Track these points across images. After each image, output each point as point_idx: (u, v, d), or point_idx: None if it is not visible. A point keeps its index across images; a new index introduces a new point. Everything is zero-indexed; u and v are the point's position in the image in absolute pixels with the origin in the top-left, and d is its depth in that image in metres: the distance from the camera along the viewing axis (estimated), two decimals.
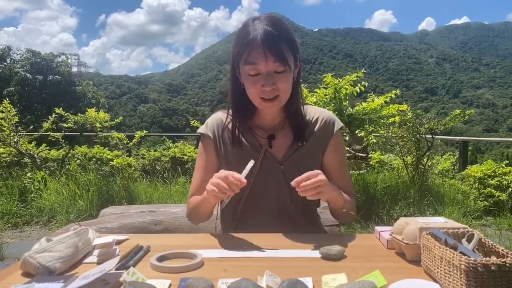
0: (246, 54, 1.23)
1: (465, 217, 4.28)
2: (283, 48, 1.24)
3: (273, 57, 1.21)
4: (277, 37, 1.23)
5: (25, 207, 4.61)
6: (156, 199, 4.75)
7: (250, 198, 1.39)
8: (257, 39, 1.21)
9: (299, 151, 1.39)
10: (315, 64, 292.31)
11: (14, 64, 31.99)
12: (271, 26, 1.23)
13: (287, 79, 1.27)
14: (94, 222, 2.90)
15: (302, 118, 1.42)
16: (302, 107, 1.43)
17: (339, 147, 1.46)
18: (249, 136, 1.41)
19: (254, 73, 1.25)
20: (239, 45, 1.26)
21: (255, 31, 1.22)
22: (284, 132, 1.41)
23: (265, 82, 1.23)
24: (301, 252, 1.12)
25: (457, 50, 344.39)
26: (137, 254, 1.13)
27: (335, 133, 1.43)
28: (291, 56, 1.27)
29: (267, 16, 1.29)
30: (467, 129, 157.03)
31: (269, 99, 1.27)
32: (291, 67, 1.27)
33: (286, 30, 1.28)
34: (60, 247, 1.05)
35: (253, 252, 1.12)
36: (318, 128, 1.42)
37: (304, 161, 1.39)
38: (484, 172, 5.39)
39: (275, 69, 1.24)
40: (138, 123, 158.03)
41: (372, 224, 4.06)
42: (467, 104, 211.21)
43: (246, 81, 1.28)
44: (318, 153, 1.43)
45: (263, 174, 1.37)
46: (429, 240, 1.00)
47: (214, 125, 1.45)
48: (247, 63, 1.24)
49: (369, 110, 4.47)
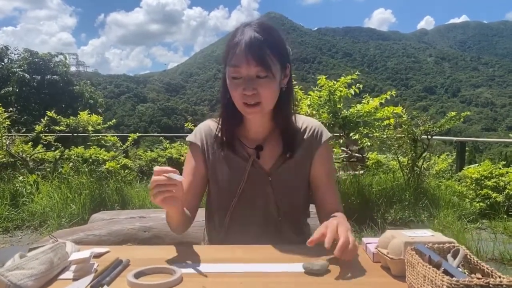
0: (230, 56, 1.23)
1: (460, 220, 4.26)
2: (266, 53, 1.22)
3: (254, 61, 1.20)
4: (262, 42, 1.22)
5: (16, 211, 4.56)
6: (149, 202, 4.70)
7: (238, 209, 1.38)
8: (242, 42, 1.21)
9: (287, 162, 1.37)
10: (314, 63, 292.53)
11: (12, 64, 31.95)
12: (258, 32, 1.23)
13: (269, 85, 1.25)
14: (82, 229, 2.87)
15: (291, 128, 1.40)
16: (294, 118, 1.41)
17: (327, 158, 1.44)
18: (238, 145, 1.39)
19: (236, 75, 1.24)
20: (226, 47, 1.27)
21: (242, 35, 1.22)
22: (273, 143, 1.39)
23: (246, 85, 1.22)
24: (284, 267, 1.09)
25: (456, 49, 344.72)
26: (115, 269, 1.09)
27: (322, 144, 1.41)
28: (276, 64, 1.25)
29: (259, 22, 1.28)
30: (466, 128, 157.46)
31: (250, 105, 1.25)
32: (274, 74, 1.25)
33: (275, 38, 1.27)
34: (33, 263, 1.02)
35: (234, 266, 1.10)
36: (306, 138, 1.41)
37: (292, 172, 1.38)
38: (481, 173, 5.37)
39: (257, 73, 1.22)
40: (137, 122, 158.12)
41: (366, 228, 4.03)
42: (466, 103, 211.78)
43: (230, 84, 1.27)
44: (306, 164, 1.41)
45: (250, 185, 1.36)
46: (413, 256, 0.97)
47: (202, 134, 1.43)
48: (230, 65, 1.24)
49: (363, 113, 4.44)
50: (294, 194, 1.40)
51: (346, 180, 5.09)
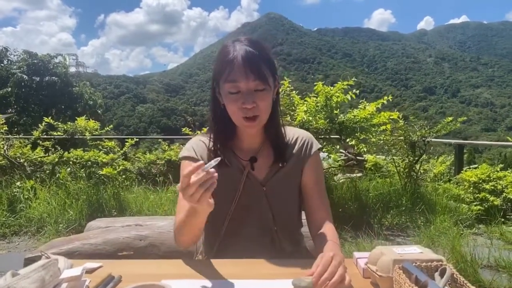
0: (227, 73, 1.24)
1: (457, 226, 4.26)
2: (263, 67, 1.25)
3: (253, 75, 1.23)
4: (257, 56, 1.25)
5: (14, 217, 4.56)
6: (146, 208, 4.71)
7: (233, 220, 1.39)
8: (238, 57, 1.22)
9: (280, 172, 1.40)
10: (314, 63, 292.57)
11: (11, 65, 31.95)
12: (251, 46, 1.26)
13: (267, 98, 1.28)
14: (78, 238, 2.88)
15: (282, 139, 1.43)
16: (282, 127, 1.44)
17: (317, 167, 1.46)
18: (231, 157, 1.40)
19: (234, 91, 1.25)
20: (220, 64, 1.27)
21: (236, 51, 1.24)
22: (265, 154, 1.42)
23: (246, 100, 1.24)
24: (273, 284, 1.10)
25: (455, 49, 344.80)
26: (106, 286, 1.10)
27: (313, 154, 1.44)
28: (270, 76, 1.28)
29: (247, 37, 1.31)
30: (466, 129, 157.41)
31: (250, 118, 1.27)
32: (271, 86, 1.28)
33: (265, 51, 1.30)
34: (24, 282, 1.03)
35: (224, 283, 1.11)
36: (297, 148, 1.44)
37: (285, 183, 1.40)
38: (479, 177, 5.36)
39: (255, 87, 1.25)
40: (137, 123, 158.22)
41: (362, 234, 4.03)
42: (465, 103, 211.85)
43: (226, 99, 1.28)
44: (297, 173, 1.43)
45: (245, 196, 1.37)
46: (400, 275, 0.98)
47: (195, 149, 1.44)
48: (227, 81, 1.25)
49: (359, 118, 4.44)
50: (288, 203, 1.42)
51: (343, 185, 5.10)
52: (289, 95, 4.89)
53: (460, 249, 3.29)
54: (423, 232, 4.16)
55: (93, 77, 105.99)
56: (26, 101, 30.50)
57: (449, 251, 3.36)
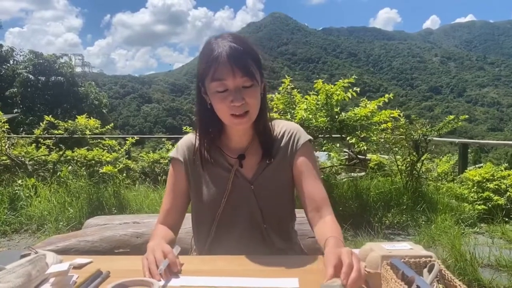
0: (212, 71, 1.21)
1: (458, 225, 4.22)
2: (249, 62, 1.23)
3: (240, 72, 1.20)
4: (242, 52, 1.22)
5: (14, 215, 4.59)
6: (146, 206, 4.72)
7: (223, 219, 1.38)
8: (223, 54, 1.19)
9: (268, 169, 1.38)
10: (319, 63, 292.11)
11: (17, 65, 32.25)
12: (235, 42, 1.23)
13: (255, 94, 1.26)
14: (75, 235, 2.88)
15: (270, 134, 1.40)
16: (270, 123, 1.42)
17: (308, 157, 1.40)
18: (219, 156, 1.39)
19: (222, 89, 1.22)
20: (204, 62, 1.24)
21: (220, 48, 1.21)
22: (253, 151, 1.40)
23: (234, 97, 1.21)
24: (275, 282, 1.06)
25: (461, 48, 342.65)
26: (94, 281, 1.09)
27: (301, 146, 1.39)
28: (257, 71, 1.26)
29: (230, 34, 1.28)
30: (472, 128, 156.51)
31: (239, 115, 1.25)
32: (258, 82, 1.26)
33: (250, 46, 1.27)
34: (10, 277, 1.02)
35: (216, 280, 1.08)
36: (285, 142, 1.40)
37: (273, 179, 1.38)
38: (483, 176, 5.32)
39: (243, 84, 1.22)
40: (142, 123, 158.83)
41: (362, 233, 4.01)
42: (471, 103, 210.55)
43: (214, 98, 1.26)
44: (286, 168, 1.40)
45: (234, 194, 1.36)
46: (388, 271, 0.96)
47: (184, 149, 1.43)
48: (214, 80, 1.22)
49: (360, 117, 4.41)
50: (277, 200, 1.40)
51: (344, 184, 5.07)
52: (289, 93, 4.87)
53: (460, 248, 3.26)
54: (424, 230, 4.13)
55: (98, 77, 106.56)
56: (32, 101, 30.75)
57: (449, 250, 3.33)
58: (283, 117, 4.55)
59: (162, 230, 1.40)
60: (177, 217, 1.43)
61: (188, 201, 1.45)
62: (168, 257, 1.13)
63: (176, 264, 1.12)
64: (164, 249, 1.16)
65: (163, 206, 1.45)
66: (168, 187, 1.45)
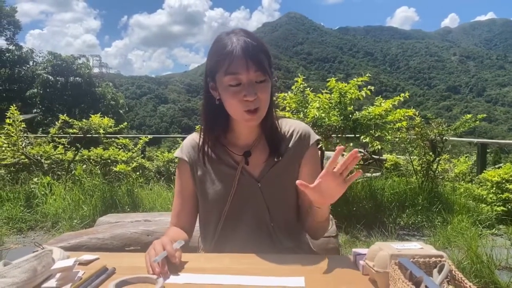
0: (226, 65, 1.20)
1: (475, 226, 4.12)
2: (262, 58, 1.22)
3: (254, 66, 1.19)
4: (256, 47, 1.21)
5: (30, 213, 4.66)
6: (159, 204, 4.75)
7: (229, 216, 1.36)
8: (238, 49, 1.19)
9: (275, 167, 1.36)
10: (335, 62, 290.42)
11: (37, 67, 32.89)
12: (248, 37, 1.22)
13: (267, 90, 1.25)
14: (87, 232, 2.89)
15: (277, 132, 1.39)
16: (277, 120, 1.40)
17: (315, 160, 1.42)
18: (224, 154, 1.38)
19: (235, 83, 1.22)
20: (217, 56, 1.23)
21: (233, 43, 1.20)
22: (260, 148, 1.38)
23: (248, 92, 1.20)
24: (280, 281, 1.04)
25: (481, 47, 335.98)
26: (99, 277, 1.09)
27: (310, 146, 1.40)
28: (269, 67, 1.25)
29: (241, 29, 1.27)
30: (492, 128, 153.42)
31: (251, 111, 1.24)
32: (270, 77, 1.25)
33: (262, 42, 1.27)
34: (15, 272, 1.02)
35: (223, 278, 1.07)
36: (294, 141, 1.39)
37: (281, 177, 1.36)
38: (502, 176, 5.18)
39: (256, 78, 1.21)
40: (158, 123, 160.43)
41: (376, 234, 3.95)
42: (491, 103, 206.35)
43: (225, 92, 1.25)
44: (294, 167, 1.39)
45: (240, 192, 1.34)
46: (396, 271, 0.94)
47: (189, 148, 1.43)
48: (228, 73, 1.21)
49: (374, 115, 4.34)
50: (284, 198, 1.38)
51: (358, 184, 5.01)
52: (303, 92, 4.82)
53: (476, 250, 3.18)
54: (440, 232, 4.04)
55: (115, 78, 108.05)
56: (50, 102, 31.33)
57: (465, 252, 3.25)
58: (295, 116, 4.51)
59: (173, 229, 1.41)
60: (189, 219, 1.44)
61: (197, 201, 1.44)
62: (166, 248, 1.13)
63: (174, 256, 1.12)
64: (164, 242, 1.17)
65: (174, 209, 1.45)
66: (176, 189, 1.45)
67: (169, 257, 1.11)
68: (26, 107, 28.01)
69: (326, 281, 1.04)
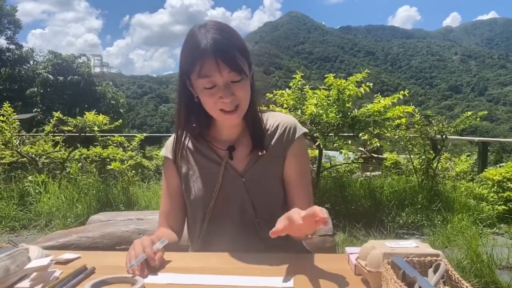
0: (198, 67, 1.14)
1: (476, 225, 4.06)
2: (236, 56, 1.15)
3: (227, 68, 1.12)
4: (228, 45, 1.14)
5: (23, 211, 4.62)
6: (154, 203, 4.70)
7: (214, 213, 1.32)
8: (208, 49, 1.11)
9: (259, 162, 1.31)
10: (336, 62, 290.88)
11: (37, 66, 32.96)
12: (220, 34, 1.14)
13: (245, 87, 1.19)
14: (77, 231, 2.84)
15: (261, 126, 1.34)
16: (261, 114, 1.35)
17: (301, 155, 1.35)
18: (208, 149, 1.34)
19: (210, 85, 1.16)
20: (189, 56, 1.17)
21: (204, 40, 1.13)
22: (245, 142, 1.33)
23: (224, 94, 1.15)
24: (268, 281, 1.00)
25: (482, 46, 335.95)
26: (76, 277, 1.03)
27: (296, 140, 1.33)
28: (245, 63, 1.18)
29: (214, 23, 1.19)
30: (493, 128, 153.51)
31: (229, 111, 1.19)
32: (247, 74, 1.19)
33: (236, 36, 1.20)
34: None
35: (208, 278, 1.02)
36: (278, 135, 1.34)
37: (266, 172, 1.31)
38: (503, 175, 5.13)
39: (231, 79, 1.15)
40: (159, 122, 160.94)
41: (374, 233, 3.89)
42: (493, 102, 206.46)
43: (202, 94, 1.19)
44: (279, 162, 1.33)
45: (225, 188, 1.30)
46: (388, 270, 0.88)
47: (173, 146, 1.39)
48: (201, 77, 1.15)
49: (373, 112, 4.27)
50: (270, 193, 1.34)
51: (357, 182, 4.95)
52: (301, 89, 4.76)
53: (476, 249, 3.11)
54: (439, 230, 3.99)
55: (116, 77, 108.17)
56: (51, 101, 31.39)
57: (465, 251, 3.18)
58: (293, 113, 4.45)
59: (161, 230, 1.37)
60: (177, 218, 1.40)
61: (184, 199, 1.40)
62: (146, 251, 1.08)
63: (154, 259, 1.07)
64: (144, 243, 1.11)
65: (161, 209, 1.41)
66: (163, 189, 1.42)
67: (148, 260, 1.06)
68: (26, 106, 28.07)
69: (315, 282, 0.99)
